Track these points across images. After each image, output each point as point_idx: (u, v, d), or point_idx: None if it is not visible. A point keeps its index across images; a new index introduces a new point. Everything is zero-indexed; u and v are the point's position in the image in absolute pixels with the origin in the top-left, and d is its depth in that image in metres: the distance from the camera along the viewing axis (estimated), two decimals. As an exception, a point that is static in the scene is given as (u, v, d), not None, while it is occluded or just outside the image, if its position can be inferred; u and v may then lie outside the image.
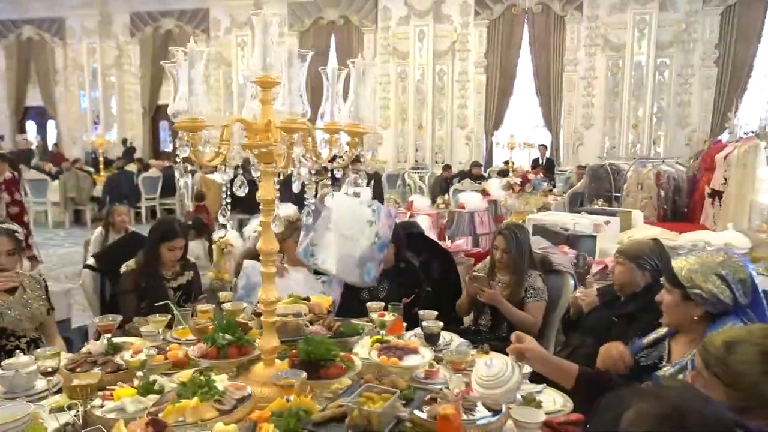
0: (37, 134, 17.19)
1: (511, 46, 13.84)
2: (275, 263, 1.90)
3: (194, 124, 1.63)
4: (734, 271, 1.76)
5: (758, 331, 1.31)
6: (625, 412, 0.97)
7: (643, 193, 7.28)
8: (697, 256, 1.84)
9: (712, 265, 1.78)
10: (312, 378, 1.76)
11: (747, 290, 1.76)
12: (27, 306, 2.50)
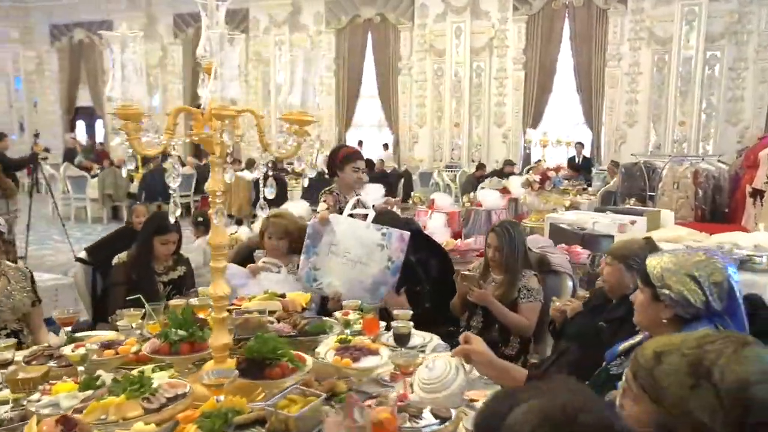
0: (86, 133, 17.86)
1: (551, 42, 13.46)
2: (225, 257, 1.84)
3: (128, 112, 1.58)
4: (709, 272, 1.59)
5: (693, 340, 1.14)
6: (516, 407, 0.91)
7: (679, 193, 6.93)
8: (673, 254, 1.67)
9: (686, 264, 1.61)
10: (256, 378, 1.69)
11: (722, 294, 1.58)
12: (9, 297, 2.53)
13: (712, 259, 1.61)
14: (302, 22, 15.24)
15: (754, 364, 1.06)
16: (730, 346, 1.08)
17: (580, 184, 8.95)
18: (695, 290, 1.58)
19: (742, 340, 1.12)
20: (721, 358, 1.07)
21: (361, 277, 2.88)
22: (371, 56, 14.79)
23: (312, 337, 2.13)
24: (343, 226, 2.99)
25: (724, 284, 1.58)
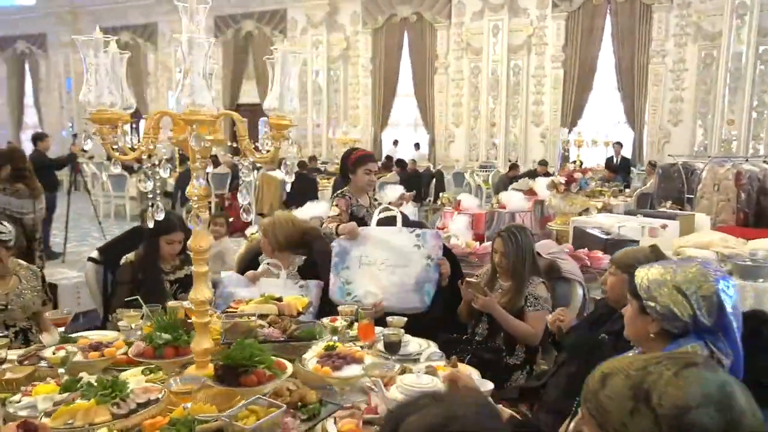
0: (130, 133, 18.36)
1: (592, 39, 13.10)
2: (207, 261, 1.83)
3: (103, 116, 1.58)
4: (698, 285, 1.47)
5: (641, 361, 1.05)
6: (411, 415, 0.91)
7: (719, 195, 6.61)
8: (664, 265, 1.57)
9: (674, 276, 1.50)
10: (232, 385, 1.67)
11: (711, 309, 1.47)
12: (20, 296, 2.60)
13: (703, 272, 1.50)
14: (339, 22, 15.30)
15: (695, 387, 0.97)
16: (672, 368, 1.00)
17: (616, 186, 8.68)
18: (682, 304, 1.48)
19: (686, 361, 1.03)
20: (661, 380, 0.99)
21: (404, 279, 2.92)
22: (407, 55, 14.72)
23: (303, 343, 2.10)
24: (373, 236, 3.01)
25: (713, 298, 1.47)
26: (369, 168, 3.50)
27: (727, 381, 0.99)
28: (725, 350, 1.45)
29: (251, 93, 16.45)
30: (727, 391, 0.97)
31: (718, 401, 0.95)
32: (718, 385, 0.97)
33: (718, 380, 0.98)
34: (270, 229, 3.11)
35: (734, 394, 0.97)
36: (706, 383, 0.97)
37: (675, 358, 1.04)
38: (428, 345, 2.39)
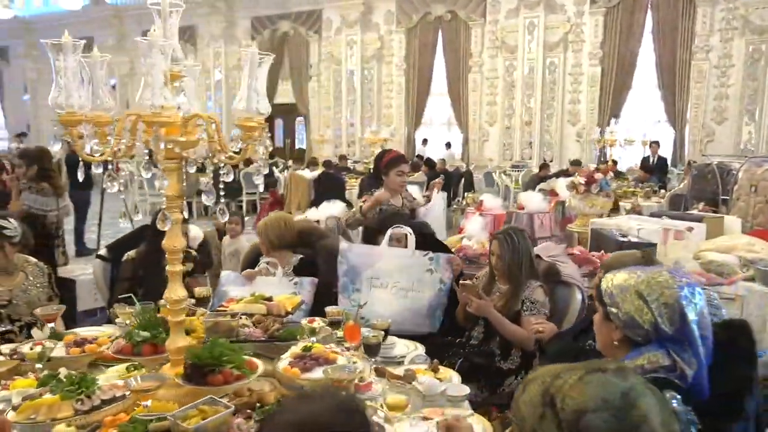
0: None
1: (631, 35, 12.73)
2: (180, 260, 1.85)
3: (72, 119, 1.61)
4: (660, 292, 1.41)
5: (560, 367, 1.03)
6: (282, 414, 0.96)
7: (757, 197, 6.32)
8: (631, 271, 1.51)
9: (638, 283, 1.45)
10: (199, 384, 1.69)
11: (673, 317, 1.40)
12: (26, 292, 2.69)
13: (667, 278, 1.43)
14: (374, 22, 15.33)
15: (595, 392, 0.96)
16: (578, 373, 0.99)
17: (651, 187, 8.41)
18: (643, 310, 1.42)
19: (594, 367, 1.01)
20: (566, 385, 0.99)
21: (416, 305, 2.89)
22: (441, 54, 14.62)
23: (283, 343, 2.10)
24: (385, 257, 2.97)
25: (675, 306, 1.40)
26: (401, 170, 3.57)
27: (634, 389, 0.97)
28: (688, 360, 1.39)
29: (287, 93, 16.65)
30: (630, 398, 0.95)
31: (616, 407, 0.95)
32: (622, 392, 0.96)
33: (623, 387, 0.96)
34: (263, 230, 3.16)
35: (637, 402, 0.95)
36: (608, 389, 0.96)
37: (586, 364, 1.02)
38: (415, 348, 2.36)
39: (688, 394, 1.37)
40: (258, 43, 16.55)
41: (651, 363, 1.41)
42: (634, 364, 1.43)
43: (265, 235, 3.08)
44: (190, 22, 17.47)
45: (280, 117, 17.30)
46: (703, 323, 1.43)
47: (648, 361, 1.41)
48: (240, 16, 16.85)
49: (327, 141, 15.87)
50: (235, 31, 17.04)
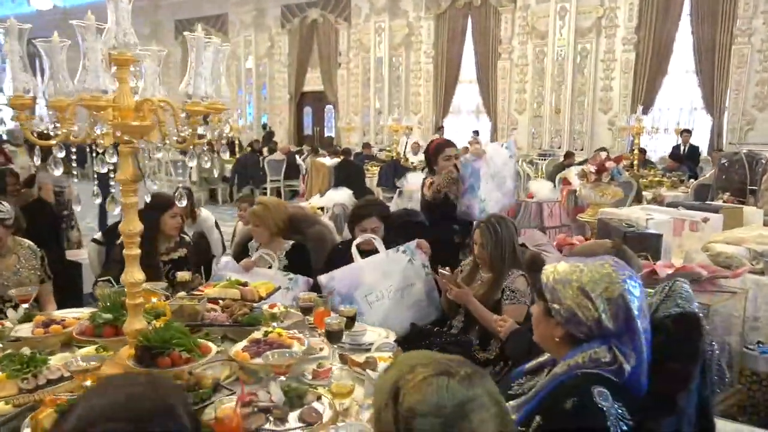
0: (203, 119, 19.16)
1: (668, 19, 12.25)
2: (137, 244, 1.87)
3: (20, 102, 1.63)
4: (604, 287, 1.34)
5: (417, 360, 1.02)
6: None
7: (787, 188, 6.06)
8: (573, 263, 1.44)
9: (579, 276, 1.38)
10: (148, 366, 1.70)
11: (617, 312, 1.33)
12: (16, 274, 2.77)
13: (610, 272, 1.36)
14: (402, 8, 15.19)
15: (432, 395, 0.95)
16: (427, 372, 0.98)
17: (678, 176, 8.13)
18: (587, 306, 1.35)
19: (443, 370, 0.98)
20: (412, 382, 0.98)
21: (416, 299, 2.90)
22: (470, 41, 14.40)
23: (246, 328, 2.11)
24: (367, 270, 2.88)
25: (618, 300, 1.34)
26: (447, 154, 3.59)
27: (474, 400, 0.95)
28: (628, 353, 1.32)
29: (316, 81, 16.69)
30: (465, 409, 0.94)
31: (447, 415, 0.94)
32: (459, 401, 0.94)
33: (462, 396, 0.95)
34: (265, 215, 3.09)
35: (470, 415, 0.94)
36: (446, 395, 0.95)
37: (442, 363, 1.00)
38: (387, 335, 2.34)
39: (623, 390, 1.31)
40: (288, 30, 16.66)
41: (592, 360, 1.35)
42: (573, 362, 1.38)
43: (272, 220, 3.02)
44: (222, 11, 17.67)
45: (309, 104, 17.38)
46: (643, 316, 1.36)
47: (589, 359, 1.36)
48: (270, 5, 16.93)
49: (355, 128, 15.87)
50: (265, 19, 17.14)
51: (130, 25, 1.73)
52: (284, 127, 17.27)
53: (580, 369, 1.34)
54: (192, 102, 1.71)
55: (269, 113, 17.51)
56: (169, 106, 1.78)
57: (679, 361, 1.36)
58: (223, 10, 17.59)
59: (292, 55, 16.72)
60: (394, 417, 0.96)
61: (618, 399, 1.28)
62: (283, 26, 16.78)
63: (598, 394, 1.26)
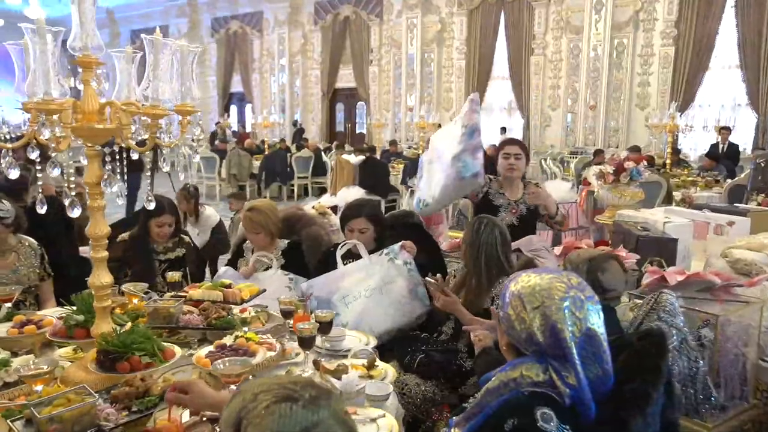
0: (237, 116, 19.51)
1: (710, 12, 11.78)
2: (104, 247, 1.86)
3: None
4: (541, 301, 1.27)
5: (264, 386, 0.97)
6: None
7: (827, 190, 5.74)
8: (531, 274, 1.36)
9: (525, 287, 1.31)
10: (108, 371, 1.70)
11: (545, 329, 1.26)
12: (15, 272, 2.83)
13: (553, 287, 1.28)
14: (434, 4, 15.05)
15: (274, 425, 0.91)
16: (269, 400, 0.93)
17: (714, 176, 7.79)
18: (523, 318, 1.29)
19: (287, 395, 0.94)
20: (254, 411, 0.94)
21: (396, 294, 2.77)
22: (503, 36, 14.16)
23: (218, 331, 2.09)
24: (347, 275, 2.79)
25: (550, 319, 1.26)
26: (506, 152, 3.40)
27: (319, 424, 0.92)
28: (566, 375, 1.24)
29: (348, 77, 16.71)
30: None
31: None
32: (304, 428, 0.91)
33: (306, 422, 0.92)
34: (264, 221, 2.99)
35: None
36: (289, 423, 0.91)
37: (286, 388, 0.95)
38: (368, 341, 2.29)
39: (570, 412, 1.23)
40: (321, 28, 16.71)
41: (524, 378, 1.28)
42: (504, 376, 1.31)
43: (273, 224, 2.97)
44: (257, 9, 17.86)
45: (341, 101, 17.42)
46: (594, 343, 1.27)
47: (521, 375, 1.28)
48: (305, 2, 17.01)
49: (386, 125, 15.82)
50: (299, 16, 17.24)
51: (94, 26, 1.72)
52: (317, 124, 17.36)
53: (519, 386, 1.27)
54: (151, 105, 1.68)
55: (302, 110, 17.63)
56: (136, 108, 1.77)
57: (636, 382, 1.27)
58: (258, 7, 17.78)
59: (324, 51, 16.78)
60: None
61: (564, 421, 1.20)
62: (316, 23, 16.85)
63: (541, 416, 1.19)
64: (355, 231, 2.90)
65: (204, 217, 4.55)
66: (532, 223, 3.45)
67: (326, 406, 0.95)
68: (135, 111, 1.68)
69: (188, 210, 4.51)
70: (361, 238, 2.89)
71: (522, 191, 3.42)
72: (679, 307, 2.20)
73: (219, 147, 11.68)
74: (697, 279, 3.06)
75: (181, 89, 1.79)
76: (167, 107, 1.72)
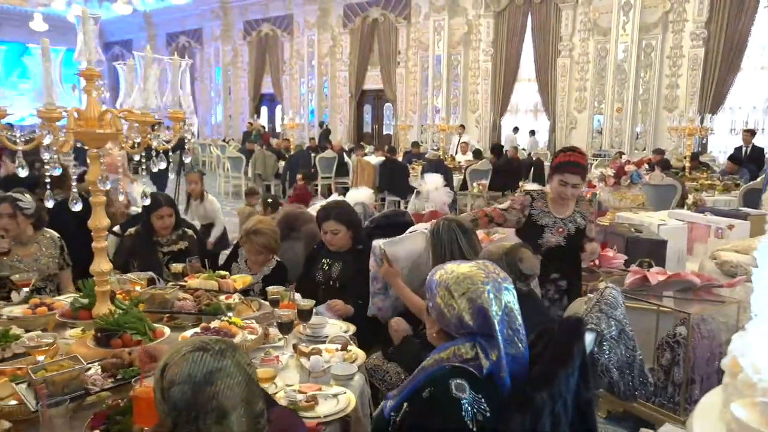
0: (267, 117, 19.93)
1: (742, 12, 11.57)
2: (105, 237, 2.09)
3: None
4: (466, 288, 1.43)
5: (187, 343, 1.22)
6: None
7: (842, 195, 5.67)
8: (454, 265, 1.52)
9: (449, 277, 1.47)
10: (105, 346, 1.93)
11: (474, 313, 1.41)
12: (37, 261, 3.10)
13: (474, 274, 1.44)
14: (461, 6, 15.13)
15: (186, 367, 1.14)
16: (187, 349, 1.18)
17: (734, 180, 7.72)
18: (451, 305, 1.44)
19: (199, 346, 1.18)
20: (175, 357, 1.17)
21: None
22: (530, 38, 14.16)
23: (208, 316, 2.30)
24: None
25: (476, 302, 1.42)
26: (564, 180, 2.94)
27: (221, 369, 1.16)
28: (489, 351, 1.40)
29: (376, 79, 16.92)
30: (212, 377, 1.14)
31: (196, 382, 1.13)
32: (207, 371, 1.14)
33: (210, 366, 1.15)
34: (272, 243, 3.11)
35: (215, 380, 1.14)
36: (197, 367, 1.14)
37: (201, 342, 1.19)
38: (347, 329, 2.47)
39: (485, 384, 1.39)
40: (349, 30, 16.97)
41: (456, 355, 1.44)
42: (438, 356, 1.47)
43: (274, 243, 3.08)
44: (287, 12, 18.23)
45: (368, 102, 17.65)
46: (511, 317, 1.43)
47: (453, 354, 1.45)
48: (334, 4, 17.30)
49: (412, 126, 15.97)
50: (328, 18, 17.53)
51: (96, 44, 1.95)
52: (344, 125, 17.63)
53: (448, 363, 1.43)
54: (141, 113, 1.90)
55: (330, 111, 17.92)
56: (131, 115, 1.99)
57: (546, 363, 1.42)
58: (288, 11, 18.14)
59: (353, 53, 17.04)
60: (161, 391, 1.16)
61: (477, 390, 1.36)
62: (344, 26, 17.11)
63: (456, 386, 1.36)
64: (328, 233, 3.06)
65: (208, 201, 5.24)
66: (579, 243, 3.05)
67: (230, 356, 1.18)
68: (128, 117, 1.90)
69: (195, 192, 5.20)
70: (334, 240, 3.05)
71: (573, 207, 3.05)
72: (622, 301, 2.32)
73: (248, 147, 12.02)
74: (678, 279, 3.16)
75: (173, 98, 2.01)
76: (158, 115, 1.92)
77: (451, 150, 11.46)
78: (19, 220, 3.01)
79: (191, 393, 1.12)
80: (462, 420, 1.34)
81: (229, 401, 1.14)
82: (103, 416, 1.61)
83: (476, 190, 8.40)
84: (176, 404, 1.13)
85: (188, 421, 1.12)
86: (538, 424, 1.35)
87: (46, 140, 1.76)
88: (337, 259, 3.05)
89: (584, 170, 3.02)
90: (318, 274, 3.07)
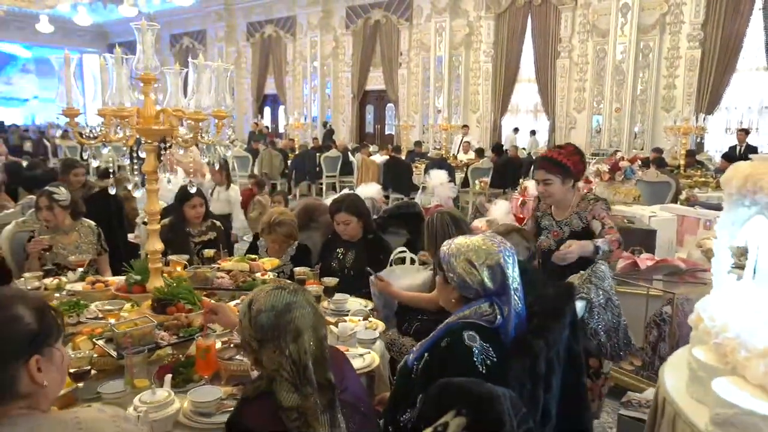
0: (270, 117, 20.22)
1: (738, 14, 11.85)
2: (157, 220, 2.38)
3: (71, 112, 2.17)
4: (484, 257, 1.72)
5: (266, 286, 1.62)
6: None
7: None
8: (463, 239, 1.81)
9: (465, 249, 1.75)
10: (161, 313, 2.22)
11: (495, 277, 1.71)
12: (77, 247, 3.40)
13: (489, 244, 1.74)
14: (463, 8, 15.43)
15: (269, 299, 1.51)
16: (270, 288, 1.57)
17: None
18: (473, 273, 1.73)
19: (277, 285, 1.57)
20: (259, 294, 1.54)
21: None
22: (530, 40, 14.46)
23: (243, 291, 2.60)
24: None
25: (496, 268, 1.71)
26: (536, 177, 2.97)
27: (295, 302, 1.52)
28: (503, 308, 1.70)
29: (378, 80, 17.22)
30: (290, 307, 1.51)
31: (279, 311, 1.50)
32: (286, 303, 1.51)
33: (288, 299, 1.52)
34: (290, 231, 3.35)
35: (292, 309, 1.50)
36: (278, 299, 1.51)
37: (279, 285, 1.58)
38: (366, 304, 2.77)
39: (493, 334, 1.69)
40: (352, 31, 17.26)
41: (476, 313, 1.73)
42: (462, 315, 1.76)
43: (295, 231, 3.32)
44: (291, 13, 18.52)
45: (371, 103, 17.95)
46: (522, 276, 1.74)
47: (474, 312, 1.74)
48: (337, 6, 17.59)
49: (414, 126, 16.27)
50: (331, 20, 17.83)
51: (153, 52, 2.24)
52: (347, 125, 17.92)
53: (467, 319, 1.73)
54: (195, 111, 2.19)
55: (333, 111, 18.22)
56: (182, 114, 2.28)
57: (540, 317, 1.72)
58: (292, 12, 18.44)
59: (355, 54, 17.33)
60: (249, 319, 1.50)
61: (486, 340, 1.66)
62: (347, 27, 17.41)
63: (468, 336, 1.65)
64: (340, 224, 3.33)
65: (232, 189, 5.65)
66: None
67: (302, 294, 1.55)
68: (181, 115, 2.20)
69: (220, 180, 5.55)
70: (346, 230, 3.32)
71: (572, 209, 2.91)
72: (611, 275, 2.63)
73: (254, 147, 12.32)
74: (665, 264, 3.46)
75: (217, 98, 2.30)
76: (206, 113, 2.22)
77: (454, 149, 11.74)
78: (56, 211, 3.30)
79: (274, 318, 1.48)
80: (473, 364, 1.63)
81: (303, 325, 1.49)
82: (168, 368, 1.91)
83: (478, 188, 8.69)
84: (263, 327, 1.47)
85: (272, 339, 1.46)
86: (536, 366, 1.64)
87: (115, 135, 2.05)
88: (351, 249, 3.34)
89: (558, 166, 2.85)
90: (334, 263, 3.34)
